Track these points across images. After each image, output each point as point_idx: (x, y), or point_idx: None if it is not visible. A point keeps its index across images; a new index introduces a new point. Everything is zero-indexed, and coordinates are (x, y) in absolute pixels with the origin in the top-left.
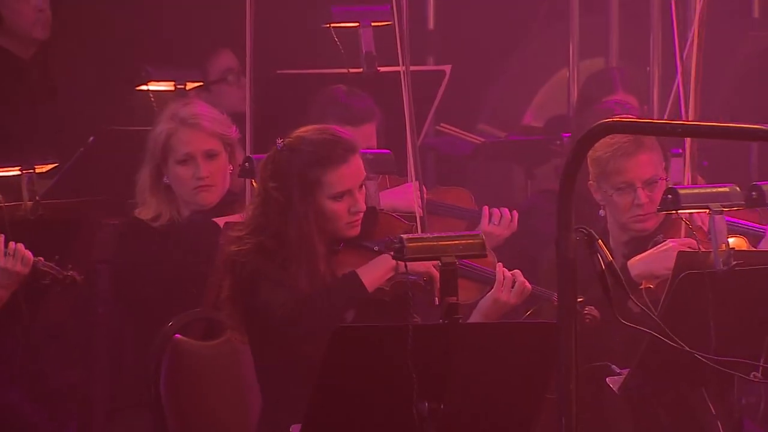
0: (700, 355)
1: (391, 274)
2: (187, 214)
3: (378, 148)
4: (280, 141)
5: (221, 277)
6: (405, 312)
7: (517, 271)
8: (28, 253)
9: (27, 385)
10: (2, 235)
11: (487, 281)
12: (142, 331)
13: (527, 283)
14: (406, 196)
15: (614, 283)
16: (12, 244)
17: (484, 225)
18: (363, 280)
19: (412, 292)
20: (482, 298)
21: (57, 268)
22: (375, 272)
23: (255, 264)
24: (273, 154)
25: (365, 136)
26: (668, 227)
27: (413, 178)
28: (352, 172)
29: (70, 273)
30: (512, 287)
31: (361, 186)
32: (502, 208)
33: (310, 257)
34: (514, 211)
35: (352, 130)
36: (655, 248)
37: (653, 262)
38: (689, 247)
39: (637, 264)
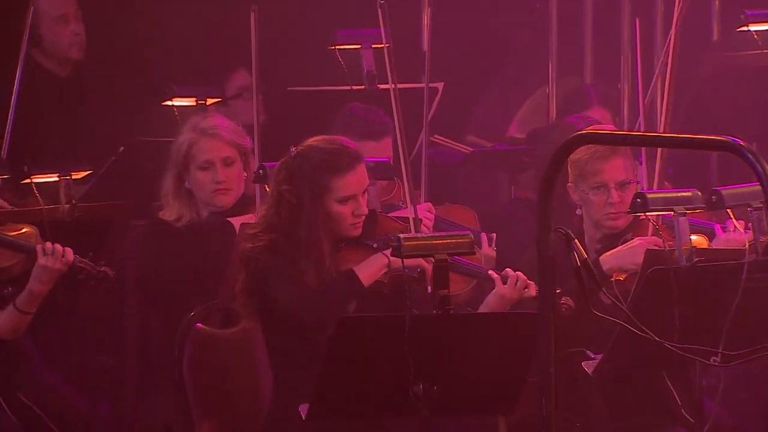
0: (667, 344)
1: (385, 270)
2: (205, 215)
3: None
4: (293, 149)
5: (237, 271)
6: (402, 303)
7: (519, 273)
8: (69, 251)
9: (66, 368)
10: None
11: (472, 274)
12: (167, 321)
13: (528, 281)
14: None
15: (588, 278)
16: (49, 245)
17: (485, 249)
18: (360, 277)
19: (408, 285)
20: (468, 288)
21: (91, 264)
22: (370, 269)
23: (267, 260)
24: (287, 160)
25: (384, 148)
26: (636, 227)
27: (406, 190)
28: (357, 179)
29: (102, 269)
30: (516, 285)
31: (364, 192)
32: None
33: (317, 253)
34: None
35: (374, 143)
36: (624, 245)
37: (623, 257)
38: (655, 245)
39: (608, 259)
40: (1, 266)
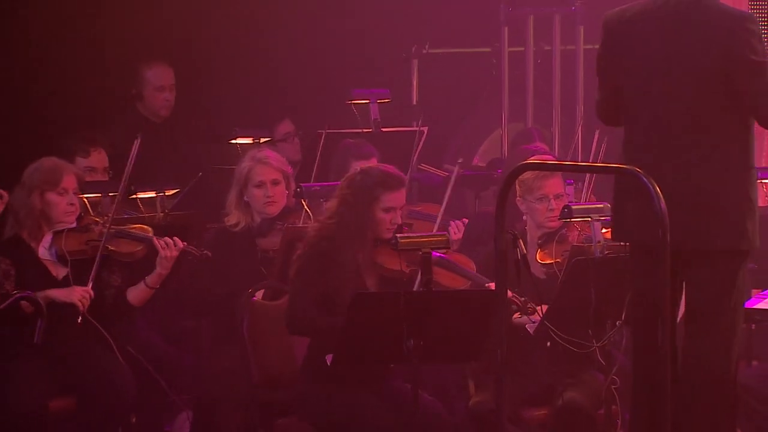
0: (552, 330)
1: None
2: (258, 220)
3: None
4: (357, 167)
5: (282, 252)
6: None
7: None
8: (177, 240)
9: (161, 328)
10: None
11: (469, 277)
12: (232, 296)
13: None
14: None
15: (524, 269)
16: (165, 240)
17: (452, 234)
18: None
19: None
20: (465, 286)
21: (196, 248)
22: None
23: (320, 248)
24: (351, 175)
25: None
26: (567, 228)
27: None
28: (400, 197)
29: (204, 252)
30: None
31: (401, 208)
32: (460, 220)
33: (359, 242)
34: (464, 219)
35: (364, 161)
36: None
37: None
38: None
39: None
40: (129, 251)
